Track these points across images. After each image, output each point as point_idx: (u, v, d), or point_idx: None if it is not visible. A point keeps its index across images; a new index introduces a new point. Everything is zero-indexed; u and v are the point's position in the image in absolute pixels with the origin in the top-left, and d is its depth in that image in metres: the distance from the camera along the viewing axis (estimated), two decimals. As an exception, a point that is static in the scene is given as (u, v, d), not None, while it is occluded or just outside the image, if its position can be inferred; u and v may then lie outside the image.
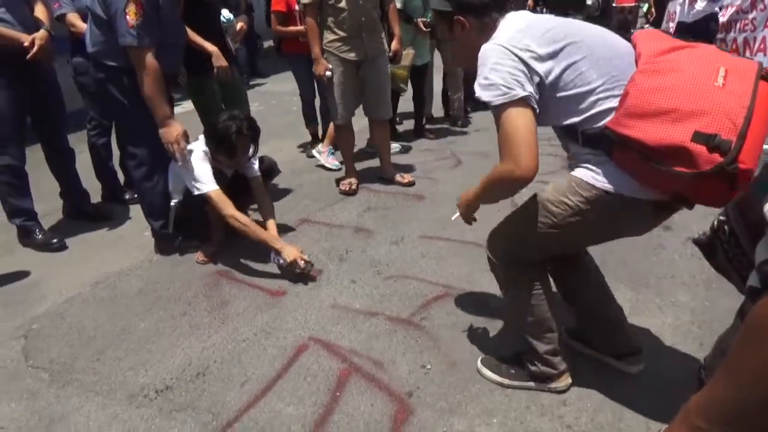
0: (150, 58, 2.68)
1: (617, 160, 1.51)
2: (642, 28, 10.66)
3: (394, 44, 4.05)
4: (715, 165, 1.26)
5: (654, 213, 1.59)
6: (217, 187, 2.82)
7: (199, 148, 2.90)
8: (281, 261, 2.76)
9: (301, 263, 2.72)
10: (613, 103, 1.49)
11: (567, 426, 1.80)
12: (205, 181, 2.80)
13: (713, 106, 1.31)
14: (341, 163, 4.27)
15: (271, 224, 3.02)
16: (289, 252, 2.74)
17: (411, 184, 4.00)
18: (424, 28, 4.57)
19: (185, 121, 3.12)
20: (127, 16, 2.59)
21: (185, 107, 6.09)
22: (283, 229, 3.36)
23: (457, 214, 1.93)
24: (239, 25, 3.60)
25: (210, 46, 3.34)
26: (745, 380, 0.61)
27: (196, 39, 3.31)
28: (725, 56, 1.45)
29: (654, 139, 1.34)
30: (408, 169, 4.31)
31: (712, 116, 1.30)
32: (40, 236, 3.29)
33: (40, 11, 3.18)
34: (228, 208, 2.79)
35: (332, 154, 4.52)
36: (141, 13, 2.60)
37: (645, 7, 12.76)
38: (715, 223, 0.96)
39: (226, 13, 3.47)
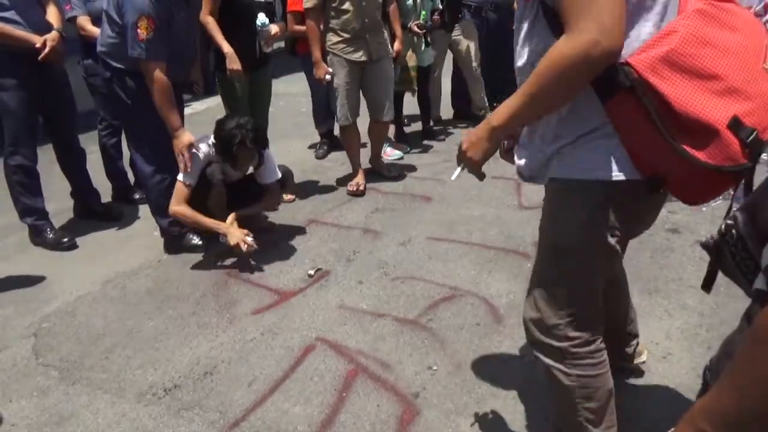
0: (158, 71, 2.74)
1: (612, 111, 1.14)
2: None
3: (396, 45, 4.08)
4: (737, 165, 1.04)
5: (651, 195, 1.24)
6: (188, 182, 2.92)
7: (205, 143, 2.98)
8: (216, 252, 2.96)
9: (244, 247, 2.82)
10: (645, 32, 1.10)
11: (573, 428, 1.80)
12: (185, 171, 2.91)
13: (758, 93, 1.06)
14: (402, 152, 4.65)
15: (233, 215, 3.04)
16: (232, 238, 2.86)
17: (400, 177, 4.18)
18: (419, 31, 4.57)
19: (193, 123, 3.15)
20: (138, 30, 2.64)
21: (195, 108, 6.15)
22: (293, 230, 3.38)
23: (459, 170, 1.43)
24: (274, 31, 3.61)
25: (226, 48, 3.34)
26: (751, 387, 0.61)
27: (217, 38, 3.33)
28: (765, 31, 1.16)
29: (685, 105, 1.03)
30: (413, 169, 4.33)
31: (755, 105, 1.05)
32: (51, 235, 3.32)
33: (52, 13, 3.22)
34: (175, 202, 2.90)
35: (390, 146, 4.71)
36: (152, 28, 2.65)
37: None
38: (723, 226, 0.95)
39: (261, 17, 3.49)
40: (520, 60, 1.29)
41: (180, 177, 2.93)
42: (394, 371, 2.12)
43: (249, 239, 2.87)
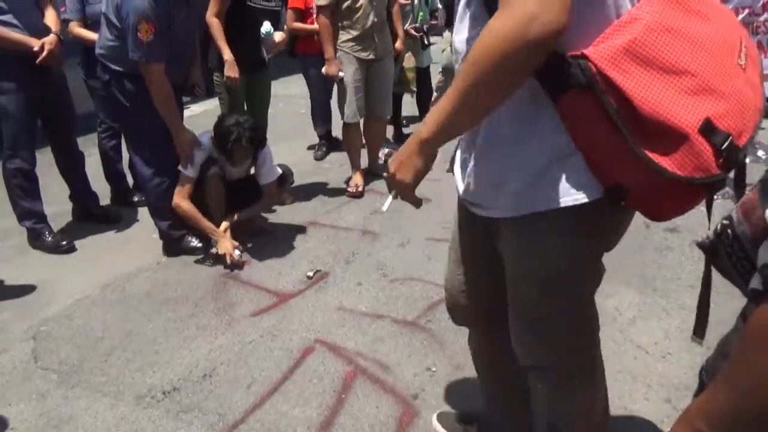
0: (158, 73, 2.75)
1: (565, 113, 0.97)
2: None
3: (398, 44, 4.13)
4: (709, 176, 0.90)
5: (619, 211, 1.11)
6: (190, 176, 2.98)
7: (207, 137, 3.04)
8: (215, 251, 3.00)
9: (229, 260, 2.90)
10: (602, 22, 0.94)
11: (572, 429, 1.80)
12: (184, 162, 2.97)
13: (732, 92, 0.91)
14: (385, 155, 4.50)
15: (233, 217, 3.11)
16: (222, 247, 2.93)
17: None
18: (416, 33, 4.57)
19: (192, 125, 3.16)
20: (139, 33, 2.65)
21: (193, 111, 6.15)
22: (291, 232, 3.38)
23: (390, 198, 1.20)
24: (278, 39, 3.64)
25: (227, 55, 3.34)
26: (746, 385, 0.61)
27: (219, 42, 3.34)
28: (740, 25, 1.03)
29: (650, 105, 0.88)
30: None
31: (730, 105, 0.90)
32: (49, 238, 3.32)
33: (50, 16, 3.22)
34: (178, 196, 2.96)
35: (389, 147, 4.71)
36: (152, 31, 2.66)
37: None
38: (719, 226, 0.95)
39: (267, 26, 3.53)
40: (458, 39, 1.12)
41: (184, 171, 2.98)
42: (393, 372, 2.12)
43: (236, 253, 2.93)
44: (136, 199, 3.93)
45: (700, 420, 0.67)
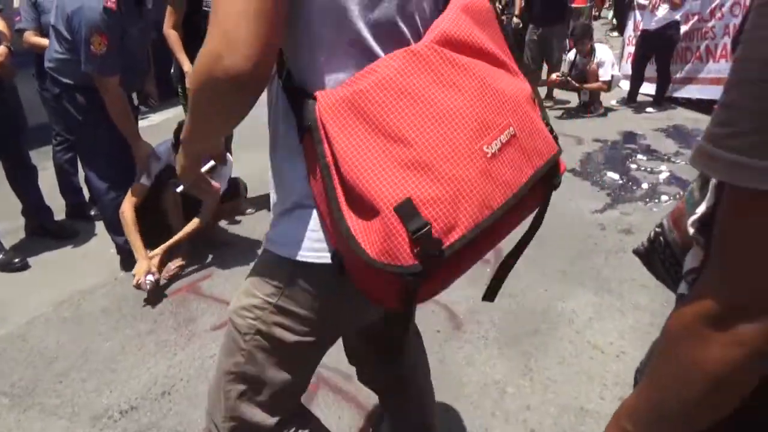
0: (113, 84, 2.71)
1: (307, 149, 0.86)
2: (607, 36, 10.84)
3: None
4: (396, 265, 0.76)
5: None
6: (142, 184, 2.92)
7: (166, 146, 3.01)
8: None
9: (134, 281, 2.74)
10: (350, 67, 0.84)
11: (531, 430, 1.84)
12: (140, 173, 2.94)
13: (456, 178, 0.78)
14: None
15: (182, 231, 3.02)
16: (137, 267, 2.80)
17: None
18: None
19: (152, 135, 3.11)
20: (91, 46, 2.60)
21: (152, 120, 6.05)
22: (252, 243, 3.35)
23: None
24: None
25: (186, 66, 3.30)
26: (663, 386, 0.64)
27: (178, 55, 3.30)
28: (531, 111, 0.90)
29: (351, 166, 0.78)
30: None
31: (445, 192, 0.77)
32: (1, 256, 3.22)
33: (0, 27, 3.13)
34: (126, 203, 2.90)
35: None
36: (105, 43, 2.61)
37: (609, 15, 13.13)
38: (652, 234, 1.00)
39: None
40: None
41: (137, 180, 2.93)
42: (355, 383, 2.09)
43: (147, 279, 2.72)
44: (93, 212, 3.84)
45: (626, 419, 0.69)
